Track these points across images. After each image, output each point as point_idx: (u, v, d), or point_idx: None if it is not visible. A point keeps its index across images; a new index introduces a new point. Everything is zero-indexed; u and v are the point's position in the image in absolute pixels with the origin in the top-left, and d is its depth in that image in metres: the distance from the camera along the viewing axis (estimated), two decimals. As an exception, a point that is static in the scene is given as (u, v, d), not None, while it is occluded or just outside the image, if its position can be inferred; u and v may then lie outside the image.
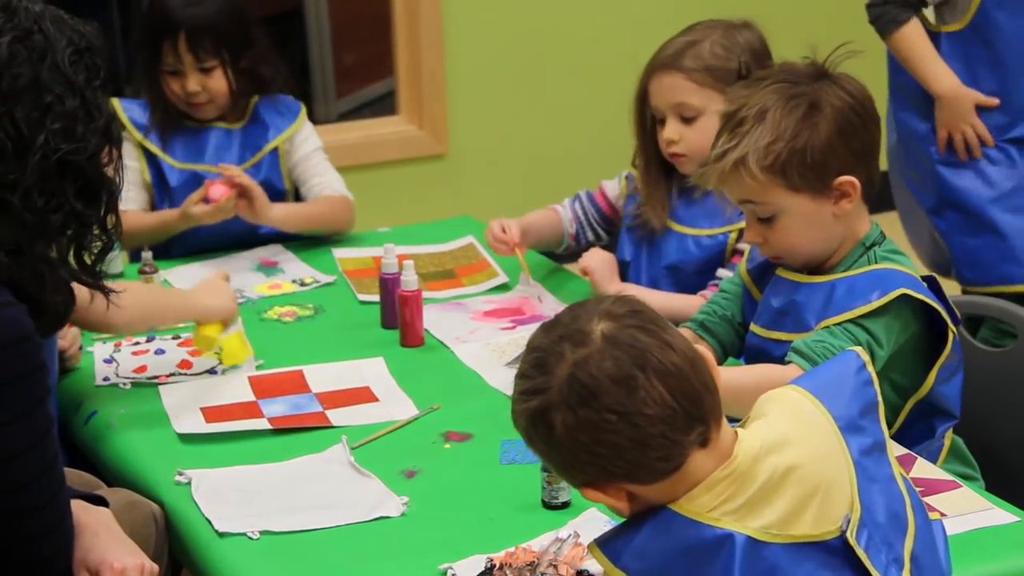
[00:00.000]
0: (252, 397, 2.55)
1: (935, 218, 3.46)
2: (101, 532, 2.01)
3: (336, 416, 2.48)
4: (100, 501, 2.09)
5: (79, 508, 2.01)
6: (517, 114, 5.09)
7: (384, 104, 5.34)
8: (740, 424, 1.76)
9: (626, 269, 2.96)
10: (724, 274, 2.79)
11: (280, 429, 2.44)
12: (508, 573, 1.97)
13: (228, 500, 2.22)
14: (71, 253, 1.98)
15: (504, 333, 2.80)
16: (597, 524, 2.06)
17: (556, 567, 1.97)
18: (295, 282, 3.09)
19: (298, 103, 3.38)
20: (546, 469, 2.14)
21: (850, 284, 2.32)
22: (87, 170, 1.92)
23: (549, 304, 2.91)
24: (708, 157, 2.35)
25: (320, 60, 5.63)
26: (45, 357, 1.90)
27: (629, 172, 3.02)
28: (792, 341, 2.32)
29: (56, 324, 1.99)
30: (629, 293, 2.81)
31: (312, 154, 3.34)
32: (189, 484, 2.26)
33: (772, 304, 2.41)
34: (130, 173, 3.13)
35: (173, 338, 2.79)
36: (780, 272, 2.41)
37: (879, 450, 1.76)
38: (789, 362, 2.27)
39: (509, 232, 2.95)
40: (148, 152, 3.26)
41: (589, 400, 1.63)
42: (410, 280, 2.75)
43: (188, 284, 2.92)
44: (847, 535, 1.67)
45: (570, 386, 1.63)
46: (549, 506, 2.16)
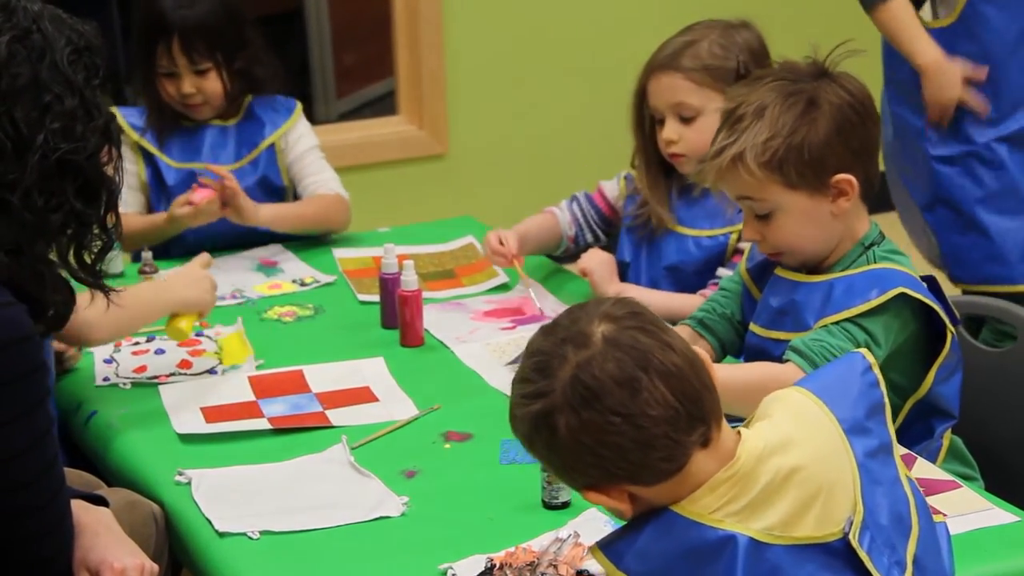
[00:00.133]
0: (252, 397, 2.55)
1: (927, 214, 3.44)
2: (101, 532, 2.01)
3: (336, 416, 2.48)
4: (100, 501, 2.08)
5: (79, 508, 2.01)
6: (517, 114, 5.09)
7: (384, 104, 5.34)
8: (744, 424, 1.76)
9: (626, 270, 2.96)
10: (724, 273, 2.79)
11: (280, 429, 2.44)
12: (508, 573, 1.97)
13: (228, 500, 2.22)
14: (71, 253, 1.98)
15: (504, 333, 2.80)
16: (597, 524, 2.06)
17: (556, 567, 1.97)
18: (295, 282, 3.09)
19: (293, 100, 3.37)
20: (546, 470, 2.14)
21: (849, 283, 2.32)
22: (87, 169, 1.92)
23: (549, 305, 2.91)
24: (706, 154, 2.35)
25: (320, 60, 5.63)
26: (45, 357, 1.90)
27: (628, 172, 3.02)
28: (791, 340, 2.32)
29: (56, 324, 1.99)
30: (629, 293, 2.84)
31: (307, 153, 3.33)
32: (189, 484, 2.26)
33: (771, 304, 2.41)
34: (126, 176, 3.11)
35: (173, 338, 2.79)
36: (779, 271, 2.41)
37: (885, 452, 1.76)
38: (787, 361, 2.27)
39: (507, 244, 2.93)
40: (145, 152, 3.26)
41: (593, 402, 1.62)
42: (410, 280, 2.75)
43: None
44: (849, 537, 1.66)
45: (573, 388, 1.63)
46: (549, 506, 2.16)
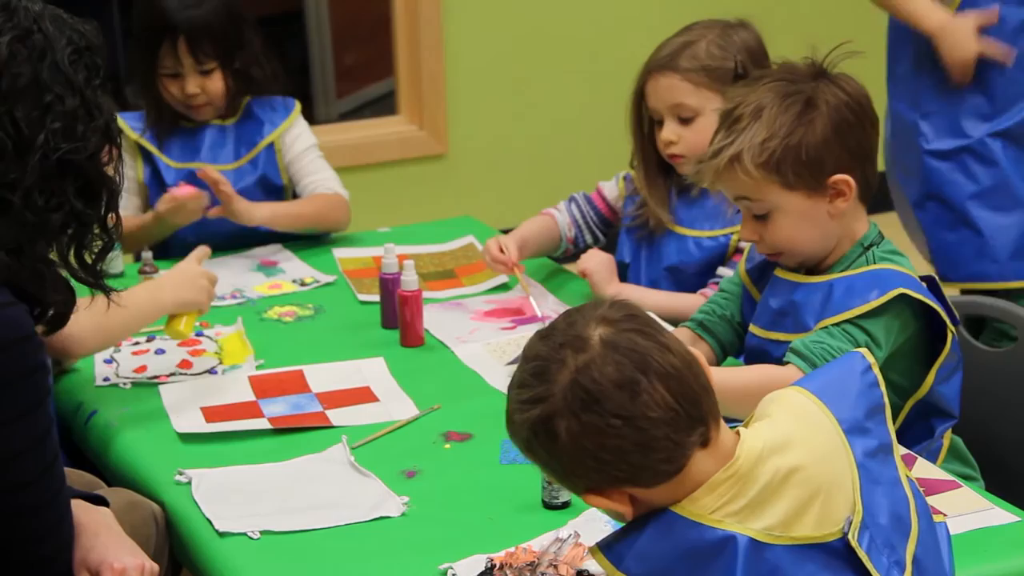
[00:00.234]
0: (252, 397, 2.55)
1: (918, 211, 3.41)
2: (101, 532, 2.01)
3: (336, 416, 2.48)
4: (100, 501, 2.08)
5: (79, 508, 2.01)
6: (517, 114, 5.09)
7: (384, 104, 5.34)
8: (743, 424, 1.76)
9: (625, 271, 2.96)
10: (725, 272, 2.79)
11: (280, 429, 2.44)
12: (508, 573, 1.97)
13: (228, 500, 2.22)
14: (71, 253, 1.98)
15: (504, 333, 2.80)
16: (597, 524, 2.06)
17: (556, 567, 1.97)
18: (295, 282, 3.09)
19: (292, 100, 3.37)
20: (546, 474, 2.14)
21: (848, 284, 2.32)
22: (87, 169, 1.92)
23: (549, 306, 2.91)
24: (704, 154, 2.35)
25: (320, 60, 5.63)
26: (45, 357, 1.90)
27: (627, 173, 3.02)
28: (791, 341, 2.32)
29: (57, 323, 1.99)
30: (628, 294, 2.84)
31: (305, 152, 3.33)
32: (189, 484, 2.26)
33: (771, 305, 2.41)
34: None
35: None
36: (778, 272, 2.41)
37: (885, 452, 1.76)
38: (787, 362, 2.27)
39: (507, 251, 2.92)
40: (144, 152, 3.26)
41: (593, 405, 1.62)
42: (410, 280, 2.75)
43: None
44: (848, 537, 1.67)
45: (573, 393, 1.63)
46: (549, 506, 2.16)
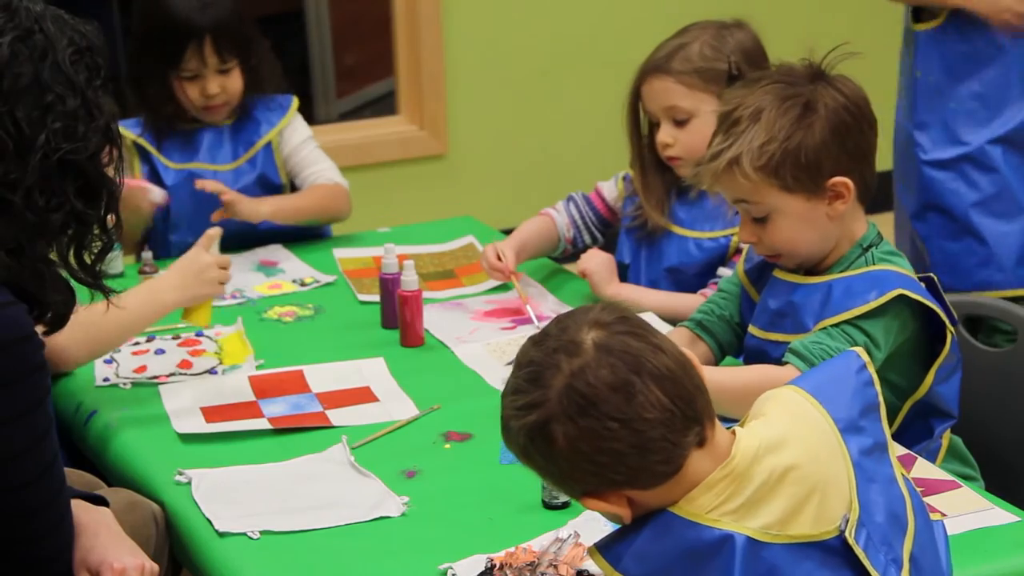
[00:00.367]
0: (252, 397, 2.55)
1: (916, 223, 3.38)
2: (101, 532, 2.01)
3: (336, 416, 2.48)
4: (100, 501, 2.08)
5: (79, 508, 2.01)
6: (517, 114, 5.09)
7: (384, 104, 5.34)
8: (738, 424, 1.76)
9: (625, 271, 2.96)
10: (724, 272, 2.79)
11: (280, 429, 2.44)
12: (508, 573, 1.97)
13: (228, 500, 2.22)
14: (71, 253, 1.98)
15: (504, 333, 2.80)
16: (597, 524, 2.06)
17: (556, 567, 1.97)
18: (295, 282, 3.09)
19: (289, 96, 3.37)
20: (543, 479, 2.14)
21: (847, 285, 2.32)
22: (88, 169, 1.92)
23: (549, 307, 2.91)
24: (703, 157, 2.35)
25: (320, 60, 5.63)
26: (45, 357, 1.90)
27: (626, 173, 3.01)
28: (790, 342, 2.32)
29: (57, 323, 1.99)
30: (627, 294, 2.84)
31: (302, 145, 3.33)
32: (189, 484, 2.26)
33: (770, 305, 2.41)
34: None
35: (173, 338, 2.79)
36: (777, 273, 2.41)
37: (880, 450, 1.76)
38: (786, 363, 2.27)
39: (505, 260, 2.92)
40: (142, 151, 3.26)
41: (589, 409, 1.62)
42: (410, 280, 2.75)
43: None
44: (846, 534, 1.67)
45: (569, 397, 1.63)
46: (549, 506, 2.16)
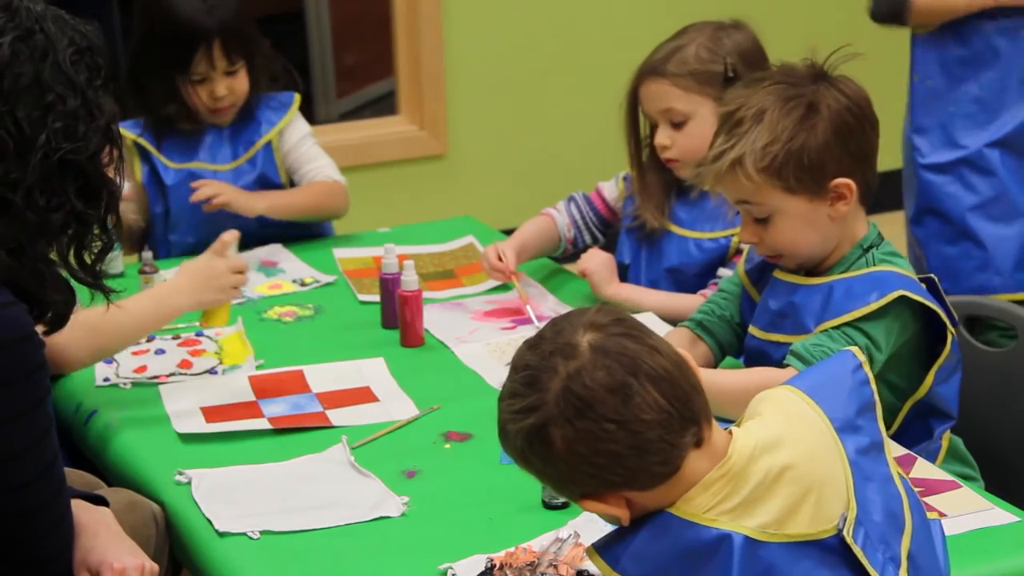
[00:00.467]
0: (252, 397, 2.55)
1: (914, 227, 3.37)
2: (101, 532, 2.01)
3: (336, 416, 2.48)
4: (100, 501, 2.08)
5: (79, 508, 2.01)
6: (517, 114, 5.09)
7: (384, 104, 5.34)
8: (735, 424, 1.76)
9: (626, 271, 2.96)
10: (725, 273, 2.79)
11: (280, 429, 2.44)
12: (508, 573, 1.97)
13: (228, 500, 2.22)
14: (71, 253, 1.98)
15: (504, 333, 2.80)
16: (597, 524, 2.06)
17: (556, 567, 1.97)
18: (295, 282, 3.09)
19: (290, 94, 3.36)
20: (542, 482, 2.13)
21: (848, 286, 2.32)
22: (88, 169, 1.92)
23: (549, 306, 2.91)
24: (705, 157, 2.35)
25: (320, 60, 5.63)
26: (45, 357, 1.90)
27: (627, 173, 3.01)
28: (791, 343, 2.32)
29: (57, 323, 1.99)
30: (628, 294, 2.84)
31: (301, 142, 3.33)
32: (189, 484, 2.26)
33: (770, 306, 2.41)
34: None
35: (173, 338, 2.79)
36: (777, 274, 2.41)
37: (876, 449, 1.76)
38: (787, 365, 2.27)
39: (506, 260, 2.92)
40: (142, 151, 3.25)
41: (586, 411, 1.62)
42: (410, 280, 2.75)
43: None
44: (844, 533, 1.67)
45: (566, 400, 1.63)
46: (549, 506, 2.16)
